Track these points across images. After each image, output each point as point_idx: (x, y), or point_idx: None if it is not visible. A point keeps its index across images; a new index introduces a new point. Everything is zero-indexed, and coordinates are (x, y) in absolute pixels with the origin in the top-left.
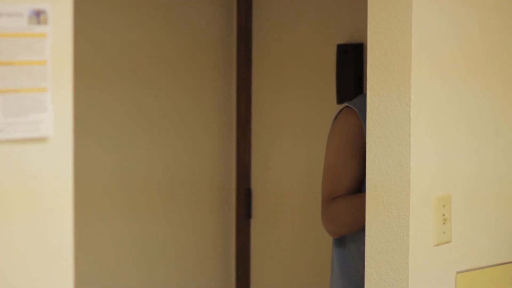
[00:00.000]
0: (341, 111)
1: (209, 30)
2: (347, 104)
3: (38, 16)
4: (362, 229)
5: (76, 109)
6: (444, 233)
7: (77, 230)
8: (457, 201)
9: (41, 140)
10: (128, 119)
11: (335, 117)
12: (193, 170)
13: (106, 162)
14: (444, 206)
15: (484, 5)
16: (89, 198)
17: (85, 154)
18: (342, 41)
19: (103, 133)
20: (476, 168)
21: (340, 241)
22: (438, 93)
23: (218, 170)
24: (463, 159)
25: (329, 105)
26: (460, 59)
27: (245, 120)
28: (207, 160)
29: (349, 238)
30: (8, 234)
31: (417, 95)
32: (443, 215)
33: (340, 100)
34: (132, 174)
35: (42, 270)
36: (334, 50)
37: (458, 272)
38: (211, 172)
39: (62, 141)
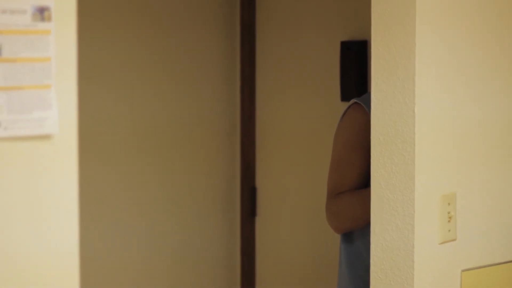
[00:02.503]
0: (350, 107)
1: (213, 26)
2: (356, 100)
3: (42, 12)
4: (369, 225)
5: (84, 105)
6: (449, 231)
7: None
8: (462, 198)
9: (45, 137)
10: (131, 122)
11: (344, 113)
12: (197, 168)
13: (105, 161)
14: (449, 204)
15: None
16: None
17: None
18: (345, 38)
19: (102, 131)
20: (481, 166)
21: (347, 237)
22: (442, 89)
23: (222, 168)
24: (469, 157)
25: (333, 102)
26: (466, 54)
27: (249, 118)
28: (211, 158)
29: (357, 234)
30: (12, 232)
31: (421, 91)
32: (448, 212)
33: (344, 97)
34: (136, 175)
35: (47, 275)
36: (337, 47)
37: (463, 270)
38: (215, 170)
39: (66, 138)
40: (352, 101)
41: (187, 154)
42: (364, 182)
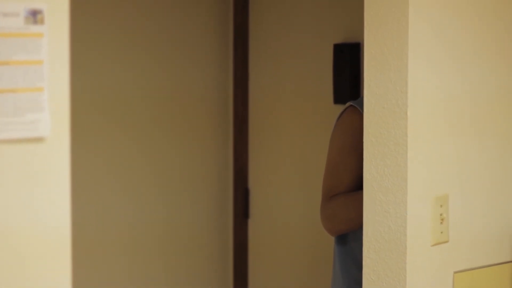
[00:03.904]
0: (346, 110)
1: (206, 27)
2: (351, 103)
3: (34, 16)
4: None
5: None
6: (441, 232)
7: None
8: (454, 200)
9: (38, 140)
10: (122, 119)
11: (339, 116)
12: (190, 169)
13: (98, 166)
14: (441, 205)
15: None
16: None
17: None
18: (338, 40)
19: (93, 137)
20: (473, 168)
21: (342, 239)
22: (435, 91)
23: (215, 169)
24: (461, 159)
25: (326, 105)
26: (461, 56)
27: (242, 119)
28: (204, 159)
29: (351, 236)
30: (5, 234)
31: (414, 94)
32: (441, 214)
33: (337, 100)
34: (127, 174)
35: (40, 267)
36: (330, 49)
37: (455, 272)
38: (208, 171)
39: (59, 140)
40: (347, 104)
41: (180, 155)
42: (359, 185)
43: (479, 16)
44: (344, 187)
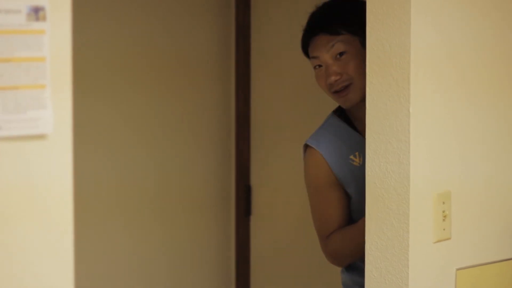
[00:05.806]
0: (305, 153)
1: (208, 27)
2: (307, 143)
3: (36, 12)
4: None
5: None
6: (444, 229)
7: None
8: (457, 197)
9: (40, 137)
10: (125, 116)
11: (304, 153)
12: (192, 167)
13: (101, 164)
14: (444, 202)
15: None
16: (83, 206)
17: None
18: None
19: (98, 135)
20: (476, 165)
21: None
22: (437, 88)
23: (217, 167)
24: (463, 156)
25: (328, 101)
26: (463, 54)
27: (244, 117)
28: (206, 157)
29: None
30: (8, 231)
31: (416, 90)
32: (443, 211)
33: None
34: (130, 172)
35: (43, 266)
36: None
37: (458, 269)
38: (210, 169)
39: (61, 138)
40: (304, 144)
41: (182, 153)
42: (349, 213)
43: (484, 15)
44: (336, 223)
